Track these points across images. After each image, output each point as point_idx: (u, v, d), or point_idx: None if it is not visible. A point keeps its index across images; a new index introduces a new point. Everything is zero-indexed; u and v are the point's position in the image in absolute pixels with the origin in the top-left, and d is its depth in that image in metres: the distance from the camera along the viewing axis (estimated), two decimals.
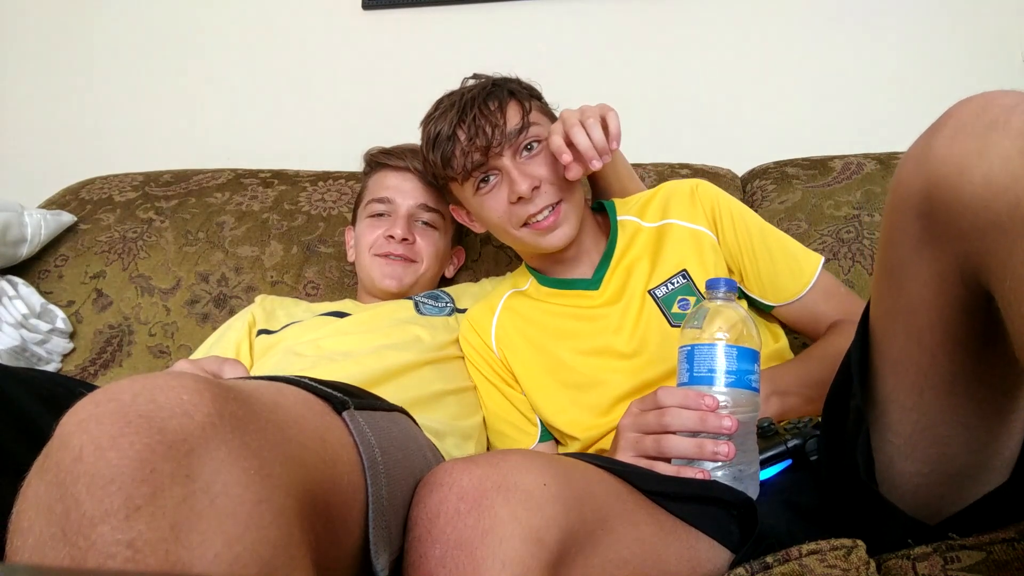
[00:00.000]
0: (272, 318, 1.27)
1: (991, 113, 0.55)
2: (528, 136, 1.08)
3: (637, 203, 1.19)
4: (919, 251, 0.61)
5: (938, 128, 0.58)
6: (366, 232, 1.29)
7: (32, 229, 1.46)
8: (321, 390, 0.64)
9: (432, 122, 1.12)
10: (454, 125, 1.07)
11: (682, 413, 0.79)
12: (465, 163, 1.07)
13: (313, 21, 1.87)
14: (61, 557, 0.40)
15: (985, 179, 0.53)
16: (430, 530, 0.60)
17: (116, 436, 0.42)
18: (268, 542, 0.44)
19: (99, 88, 1.94)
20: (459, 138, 1.07)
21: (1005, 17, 1.60)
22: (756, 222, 1.13)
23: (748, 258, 1.09)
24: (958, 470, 0.67)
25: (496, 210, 1.09)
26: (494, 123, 1.05)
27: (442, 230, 1.33)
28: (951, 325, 0.61)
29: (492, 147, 1.05)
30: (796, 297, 1.08)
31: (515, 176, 1.05)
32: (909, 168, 0.61)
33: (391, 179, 1.31)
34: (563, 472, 0.67)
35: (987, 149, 0.53)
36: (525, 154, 1.08)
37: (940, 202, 0.57)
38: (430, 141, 1.11)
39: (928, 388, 0.64)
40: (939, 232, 0.58)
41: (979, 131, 0.54)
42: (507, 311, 1.18)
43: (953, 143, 0.56)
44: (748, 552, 0.72)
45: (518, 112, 1.08)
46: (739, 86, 1.71)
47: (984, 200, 0.53)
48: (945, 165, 0.56)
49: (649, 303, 1.08)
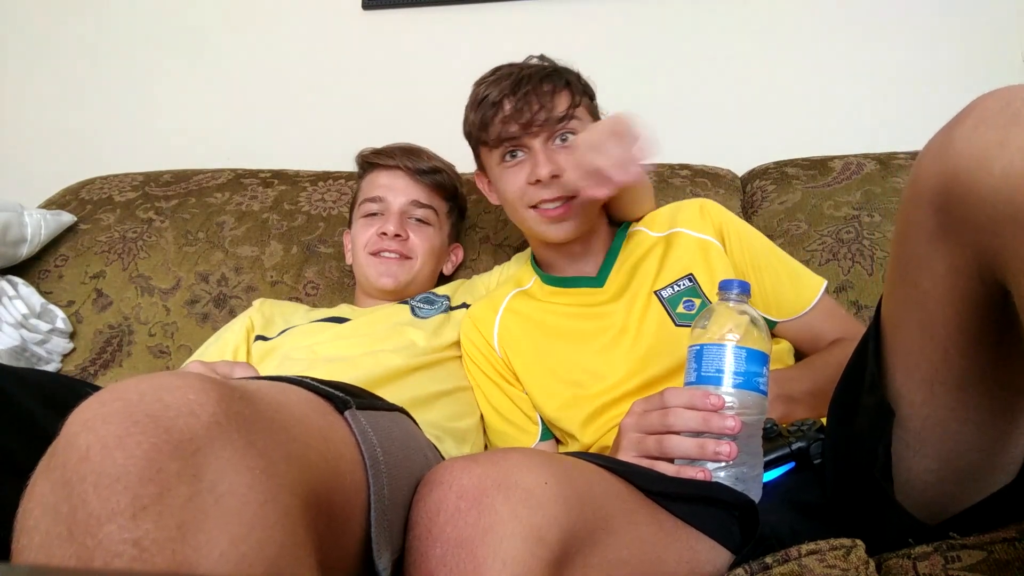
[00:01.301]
0: (270, 324, 1.27)
1: (1014, 106, 0.54)
2: (567, 128, 1.10)
3: (644, 218, 1.21)
4: (935, 244, 0.60)
5: (960, 120, 0.57)
6: (360, 232, 1.30)
7: (32, 229, 1.46)
8: (323, 390, 0.64)
9: (484, 84, 1.14)
10: (504, 94, 1.10)
11: (686, 413, 0.79)
12: (501, 132, 1.09)
13: (313, 21, 1.87)
14: (67, 556, 0.40)
15: (1004, 172, 0.52)
16: (430, 529, 0.60)
17: (123, 435, 0.42)
18: (273, 542, 0.44)
19: (99, 88, 1.94)
20: (504, 107, 1.09)
21: (1005, 17, 1.61)
22: (762, 240, 1.15)
23: (753, 273, 1.10)
24: (966, 469, 0.66)
25: (513, 185, 1.11)
26: (541, 104, 1.08)
27: (436, 226, 1.33)
28: (965, 320, 0.60)
29: (532, 124, 1.08)
30: (799, 314, 1.09)
31: (540, 159, 1.07)
32: (928, 160, 0.59)
33: (382, 178, 1.32)
34: (564, 471, 0.67)
35: (1008, 141, 0.52)
36: (558, 143, 1.10)
37: (958, 195, 0.56)
38: (476, 101, 1.14)
39: (939, 383, 0.64)
40: (956, 226, 0.57)
41: (1001, 124, 0.53)
42: (510, 312, 1.19)
43: (974, 135, 0.55)
44: (748, 553, 0.72)
45: (567, 102, 1.10)
46: (739, 86, 1.71)
47: (1003, 193, 0.52)
48: (964, 158, 0.55)
49: (654, 303, 1.09)
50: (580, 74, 1.17)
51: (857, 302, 1.26)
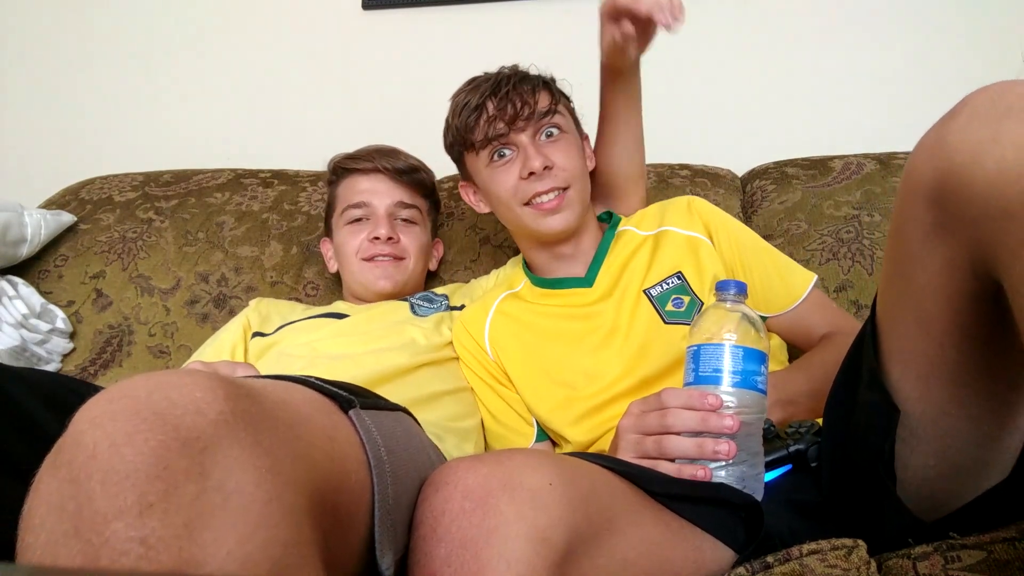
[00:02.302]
0: (267, 321, 1.27)
1: (1007, 100, 0.54)
2: (552, 122, 1.11)
3: (633, 217, 1.22)
4: (929, 239, 0.60)
5: (953, 115, 0.57)
6: (348, 239, 1.29)
7: (32, 229, 1.46)
8: (328, 389, 0.64)
9: (463, 93, 1.15)
10: (485, 96, 1.11)
11: (684, 413, 0.79)
12: (487, 131, 1.10)
13: (313, 21, 1.87)
14: (74, 554, 0.40)
15: (998, 166, 0.52)
16: (435, 529, 0.60)
17: (131, 433, 0.42)
18: (279, 540, 0.44)
19: (99, 88, 1.93)
20: (487, 108, 1.10)
21: (1005, 17, 1.61)
22: (750, 236, 1.15)
23: (742, 269, 1.11)
24: (963, 464, 0.67)
25: (505, 184, 1.11)
26: (524, 100, 1.09)
27: (422, 224, 1.34)
28: (960, 315, 0.61)
29: (517, 120, 1.09)
30: (790, 308, 1.09)
31: (531, 152, 1.08)
32: (922, 155, 0.60)
33: (363, 183, 1.32)
34: (569, 472, 0.67)
35: (1001, 136, 0.52)
36: (544, 138, 1.11)
37: (952, 189, 0.56)
38: (457, 109, 1.14)
39: (935, 378, 0.64)
40: (950, 220, 0.58)
41: (994, 118, 0.54)
42: (500, 314, 1.19)
43: (967, 130, 0.55)
44: (751, 552, 0.72)
45: (548, 99, 1.12)
46: (739, 86, 1.71)
47: (996, 188, 0.52)
48: (958, 152, 0.55)
49: (644, 301, 1.09)
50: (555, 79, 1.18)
51: (857, 301, 1.26)
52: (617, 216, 1.23)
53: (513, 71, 1.15)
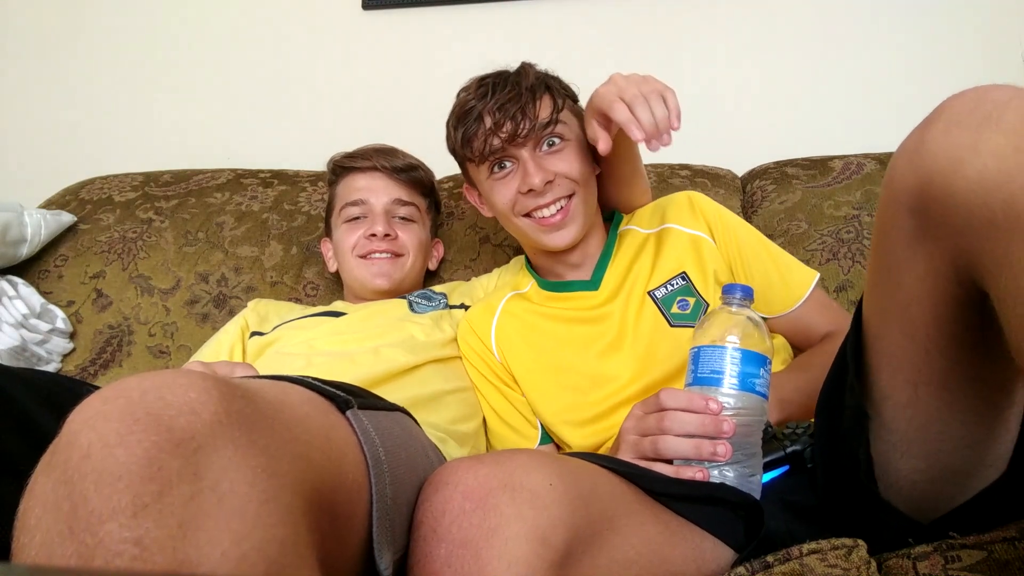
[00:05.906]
0: (264, 321, 1.27)
1: (984, 108, 0.54)
2: (552, 133, 1.08)
3: (634, 214, 1.21)
4: (913, 247, 0.60)
5: (931, 122, 0.57)
6: (345, 237, 1.29)
7: (32, 229, 1.46)
8: (325, 389, 0.64)
9: (465, 94, 1.13)
10: (484, 108, 1.08)
11: (681, 416, 0.78)
12: (484, 147, 1.07)
13: (313, 21, 1.87)
14: (68, 554, 0.40)
15: (979, 175, 0.52)
16: (435, 529, 0.60)
17: (124, 433, 0.42)
18: (275, 541, 0.44)
19: (99, 88, 1.93)
20: (485, 121, 1.07)
21: (1005, 17, 1.61)
22: (753, 233, 1.14)
23: (743, 268, 1.10)
24: (954, 467, 0.67)
25: (504, 196, 1.10)
26: (524, 113, 1.06)
27: (420, 222, 1.34)
28: (945, 321, 0.61)
29: (516, 137, 1.06)
30: (791, 308, 1.09)
31: (530, 168, 1.06)
32: (902, 163, 0.59)
33: (360, 181, 1.32)
34: (569, 472, 0.67)
35: (981, 145, 0.52)
36: (545, 148, 1.09)
37: (933, 198, 0.56)
38: (456, 116, 1.12)
39: (922, 384, 0.64)
40: (932, 228, 0.57)
41: (972, 126, 0.53)
42: (507, 315, 1.18)
43: (946, 137, 0.55)
44: (751, 552, 0.72)
45: (549, 108, 1.08)
46: (739, 86, 1.71)
47: (978, 196, 0.52)
48: (938, 160, 0.55)
49: (648, 304, 1.09)
50: (560, 78, 1.16)
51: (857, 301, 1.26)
52: (619, 215, 1.22)
53: (515, 74, 1.12)
